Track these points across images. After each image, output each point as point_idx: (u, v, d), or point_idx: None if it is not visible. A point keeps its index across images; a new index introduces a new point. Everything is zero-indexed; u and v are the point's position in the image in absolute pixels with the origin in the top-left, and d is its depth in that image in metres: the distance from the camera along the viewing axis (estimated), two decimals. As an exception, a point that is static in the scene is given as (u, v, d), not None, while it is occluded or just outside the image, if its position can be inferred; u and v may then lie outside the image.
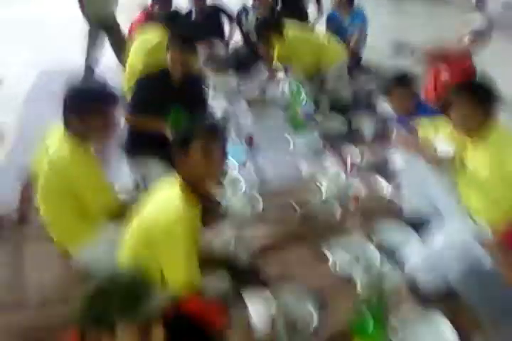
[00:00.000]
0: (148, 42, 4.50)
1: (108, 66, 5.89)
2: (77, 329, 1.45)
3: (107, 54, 6.00)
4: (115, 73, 5.22)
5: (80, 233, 2.71)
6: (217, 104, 4.58)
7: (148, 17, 5.27)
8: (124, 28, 5.83)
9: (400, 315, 2.44)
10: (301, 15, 6.10)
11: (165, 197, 2.18)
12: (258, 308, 2.23)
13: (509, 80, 3.50)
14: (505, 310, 2.28)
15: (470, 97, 2.63)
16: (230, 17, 5.97)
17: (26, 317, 2.60)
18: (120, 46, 5.54)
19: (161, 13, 5.05)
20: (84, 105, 2.48)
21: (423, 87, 4.28)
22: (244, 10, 5.97)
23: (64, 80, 2.64)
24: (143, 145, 3.53)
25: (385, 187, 3.58)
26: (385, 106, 3.63)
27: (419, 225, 3.05)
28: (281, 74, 5.24)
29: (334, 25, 5.78)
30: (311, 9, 6.41)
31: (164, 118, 3.37)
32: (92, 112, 2.48)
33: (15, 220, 3.24)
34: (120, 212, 2.79)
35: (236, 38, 6.18)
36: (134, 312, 1.40)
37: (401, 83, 3.44)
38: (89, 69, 5.90)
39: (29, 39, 7.49)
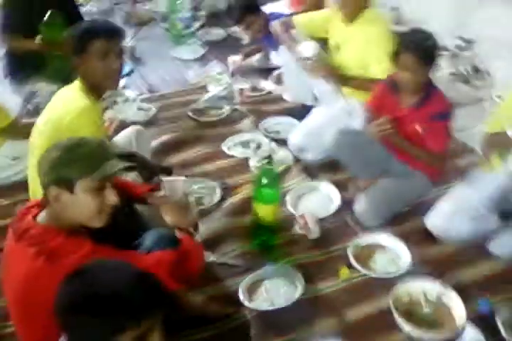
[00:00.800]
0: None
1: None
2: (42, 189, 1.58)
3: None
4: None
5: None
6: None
7: None
8: None
9: (292, 186, 2.80)
10: None
11: (65, 98, 2.24)
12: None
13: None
14: (376, 166, 2.66)
15: None
16: None
17: None
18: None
19: None
20: None
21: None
22: None
23: None
24: (26, 65, 3.45)
25: (267, 83, 3.83)
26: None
27: (301, 113, 3.34)
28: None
29: None
30: None
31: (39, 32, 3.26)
32: None
33: None
34: (14, 130, 2.83)
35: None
36: (94, 174, 1.53)
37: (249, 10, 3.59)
38: None
39: None
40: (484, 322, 2.06)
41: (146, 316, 1.18)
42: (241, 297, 2.16)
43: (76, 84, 2.26)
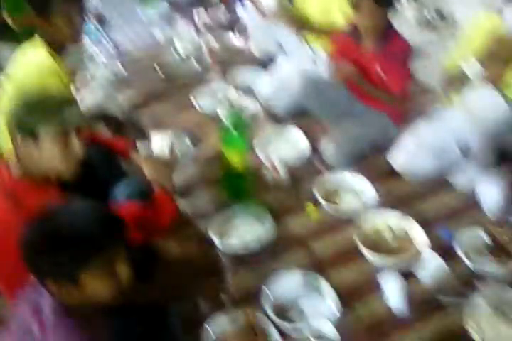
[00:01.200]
0: None
1: None
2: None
3: None
4: None
5: None
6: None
7: None
8: None
9: (261, 133, 2.86)
10: None
11: (27, 55, 2.27)
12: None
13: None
14: (341, 110, 2.74)
15: None
16: None
17: None
18: None
19: None
20: None
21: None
22: None
23: None
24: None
25: (235, 39, 3.85)
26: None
27: (268, 65, 3.38)
28: None
29: None
30: None
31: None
32: None
33: None
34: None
35: None
36: (53, 119, 1.56)
37: None
38: None
39: None
40: (447, 251, 2.16)
41: (107, 244, 1.25)
42: (212, 236, 2.24)
43: (36, 41, 2.28)
